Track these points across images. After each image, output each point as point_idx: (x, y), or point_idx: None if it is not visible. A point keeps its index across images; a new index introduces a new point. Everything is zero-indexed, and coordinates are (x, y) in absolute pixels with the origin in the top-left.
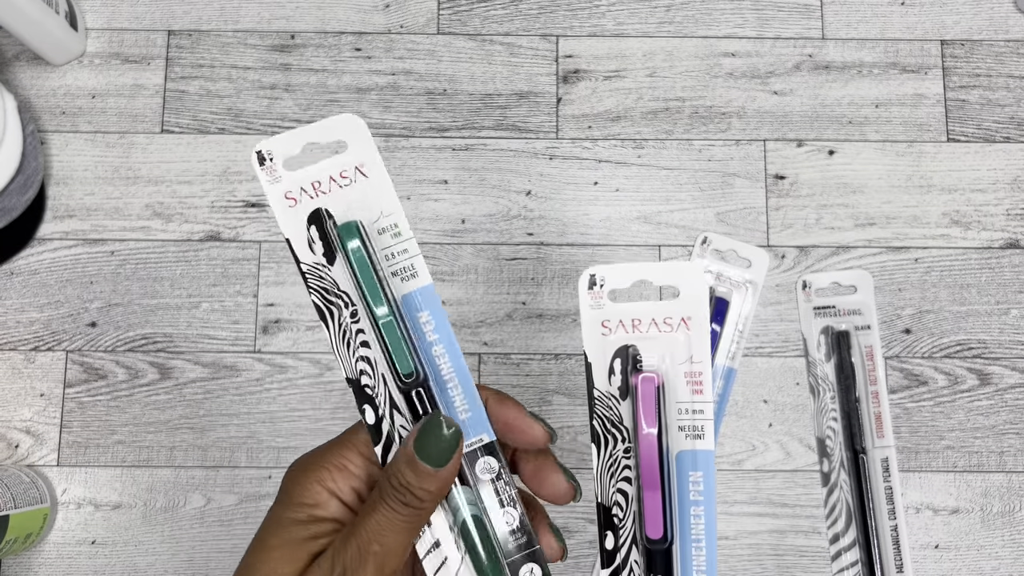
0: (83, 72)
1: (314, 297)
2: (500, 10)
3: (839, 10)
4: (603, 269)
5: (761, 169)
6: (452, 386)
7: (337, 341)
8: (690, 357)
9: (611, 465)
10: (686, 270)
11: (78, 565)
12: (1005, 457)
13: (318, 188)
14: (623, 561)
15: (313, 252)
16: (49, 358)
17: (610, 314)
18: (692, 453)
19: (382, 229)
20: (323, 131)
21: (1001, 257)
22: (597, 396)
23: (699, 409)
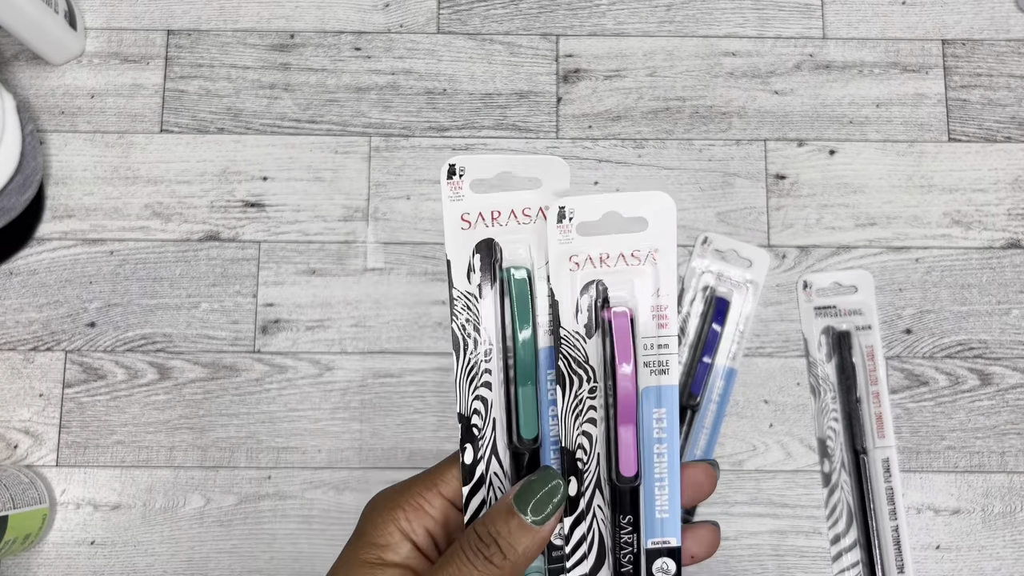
0: (82, 72)
1: (455, 325)
2: (500, 9)
3: (840, 10)
4: (572, 201)
5: (762, 169)
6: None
7: (462, 374)
8: (656, 290)
9: (576, 407)
10: (655, 200)
11: (77, 565)
12: (1006, 457)
13: (496, 218)
14: (586, 506)
15: (469, 281)
16: (48, 358)
17: (578, 248)
18: (657, 389)
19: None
20: (525, 165)
21: (1002, 257)
22: (563, 335)
23: (664, 343)
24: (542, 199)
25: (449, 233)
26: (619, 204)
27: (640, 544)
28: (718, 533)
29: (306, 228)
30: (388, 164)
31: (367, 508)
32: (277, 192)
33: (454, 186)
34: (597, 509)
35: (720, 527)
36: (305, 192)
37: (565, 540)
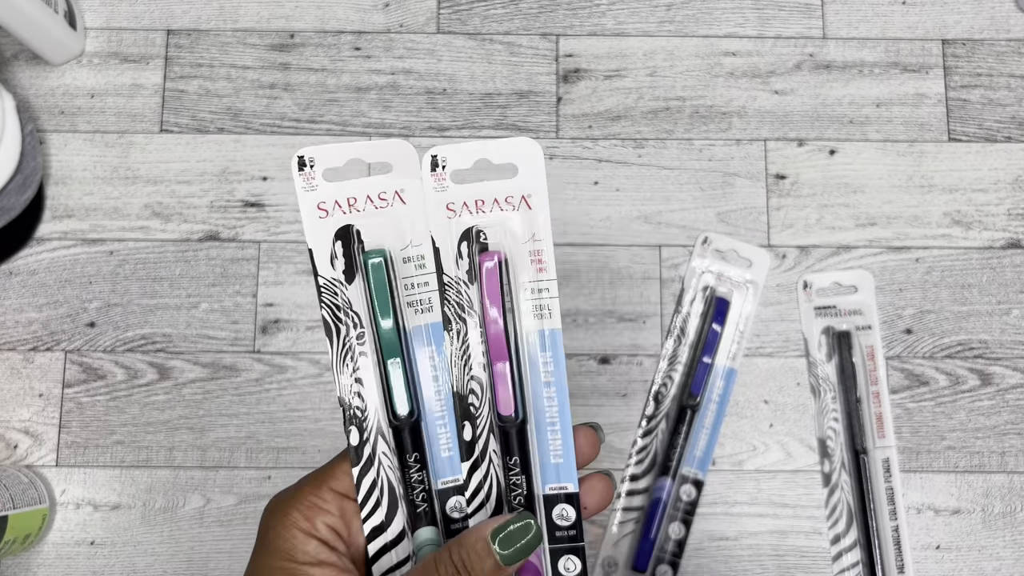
0: (82, 71)
1: (324, 312)
2: (500, 9)
3: (840, 9)
4: (444, 150)
5: (762, 169)
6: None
7: (337, 359)
8: (532, 235)
9: (464, 352)
10: (522, 146)
11: (77, 566)
12: (1007, 457)
13: (353, 205)
14: (481, 453)
15: (333, 267)
16: (48, 358)
17: (454, 196)
18: (540, 333)
19: (407, 258)
20: (372, 150)
21: (1002, 257)
22: (447, 282)
23: (544, 287)
24: (395, 183)
25: (307, 223)
26: (488, 151)
27: (532, 486)
28: (611, 484)
29: None
30: None
31: (264, 514)
32: (277, 192)
33: (307, 176)
34: (492, 455)
35: (614, 477)
36: None
37: (463, 488)
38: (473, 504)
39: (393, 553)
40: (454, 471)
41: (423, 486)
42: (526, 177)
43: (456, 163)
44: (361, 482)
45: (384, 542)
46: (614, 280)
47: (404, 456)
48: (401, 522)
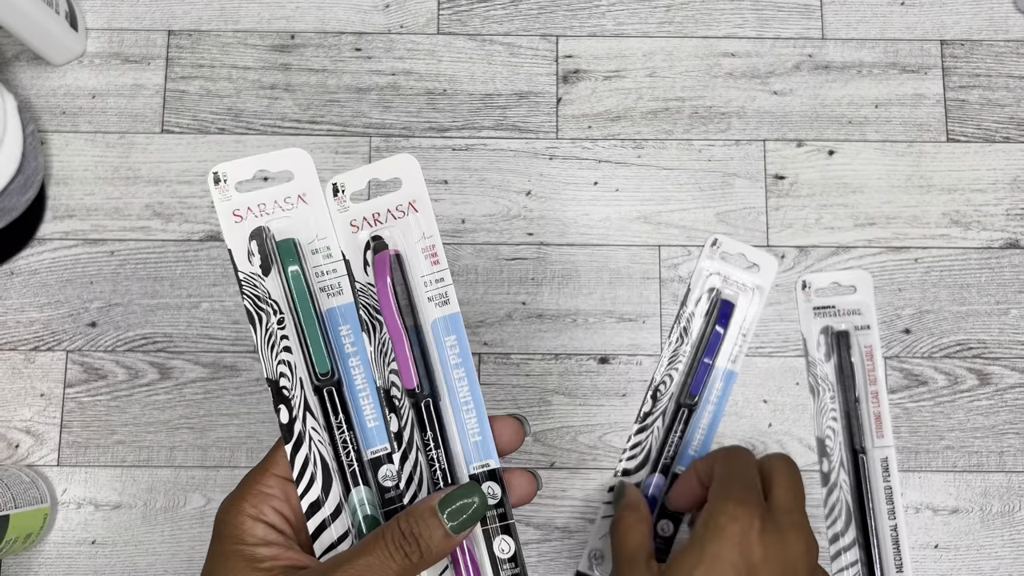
0: (83, 72)
1: (247, 303)
2: (500, 10)
3: (839, 10)
4: (341, 177)
5: (761, 169)
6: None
7: (262, 344)
8: (423, 234)
9: (381, 346)
10: (401, 163)
11: (78, 565)
12: (1005, 457)
13: (263, 209)
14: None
15: (251, 263)
16: (49, 358)
17: (355, 213)
18: (443, 319)
19: (315, 250)
20: (274, 161)
21: (1001, 257)
22: (359, 287)
23: (440, 278)
24: (297, 188)
25: (225, 227)
26: (376, 171)
27: (451, 461)
28: (535, 480)
29: None
30: None
31: (218, 512)
32: None
33: (221, 189)
34: (419, 443)
35: (539, 476)
36: None
37: (397, 477)
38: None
39: (332, 529)
40: (382, 440)
41: (351, 446)
42: (409, 187)
43: (352, 186)
44: (294, 459)
45: (323, 517)
46: (613, 280)
47: (329, 419)
48: (337, 496)
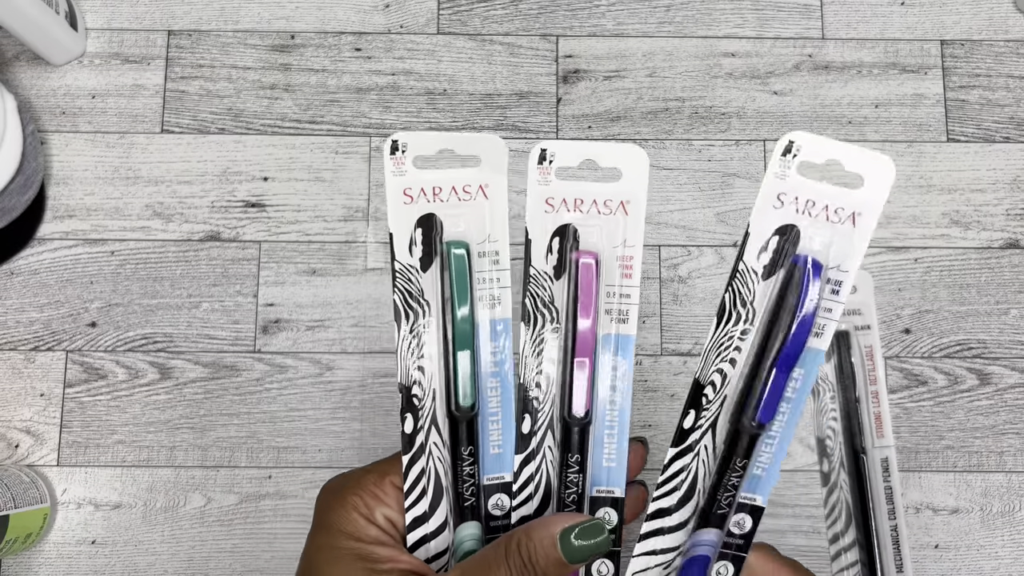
0: (83, 72)
1: (396, 297)
2: (500, 10)
3: (839, 10)
4: (554, 144)
5: (761, 169)
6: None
7: (403, 345)
8: (624, 241)
9: (537, 344)
10: (631, 153)
11: (78, 565)
12: (1005, 457)
13: (437, 194)
14: (537, 446)
15: (411, 254)
16: (49, 358)
17: (556, 191)
18: (616, 337)
19: (483, 252)
20: (464, 143)
21: (1001, 257)
22: (533, 274)
23: (627, 293)
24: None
25: (392, 207)
26: (597, 152)
27: (586, 487)
28: (645, 491)
29: (306, 228)
30: None
31: (322, 495)
32: (278, 192)
33: (397, 160)
34: (547, 450)
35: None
36: (306, 192)
37: (512, 481)
38: (519, 497)
39: (432, 544)
40: (501, 468)
41: (473, 480)
42: (629, 183)
43: (563, 159)
44: (409, 470)
45: (424, 532)
46: None
47: (458, 448)
48: (443, 514)
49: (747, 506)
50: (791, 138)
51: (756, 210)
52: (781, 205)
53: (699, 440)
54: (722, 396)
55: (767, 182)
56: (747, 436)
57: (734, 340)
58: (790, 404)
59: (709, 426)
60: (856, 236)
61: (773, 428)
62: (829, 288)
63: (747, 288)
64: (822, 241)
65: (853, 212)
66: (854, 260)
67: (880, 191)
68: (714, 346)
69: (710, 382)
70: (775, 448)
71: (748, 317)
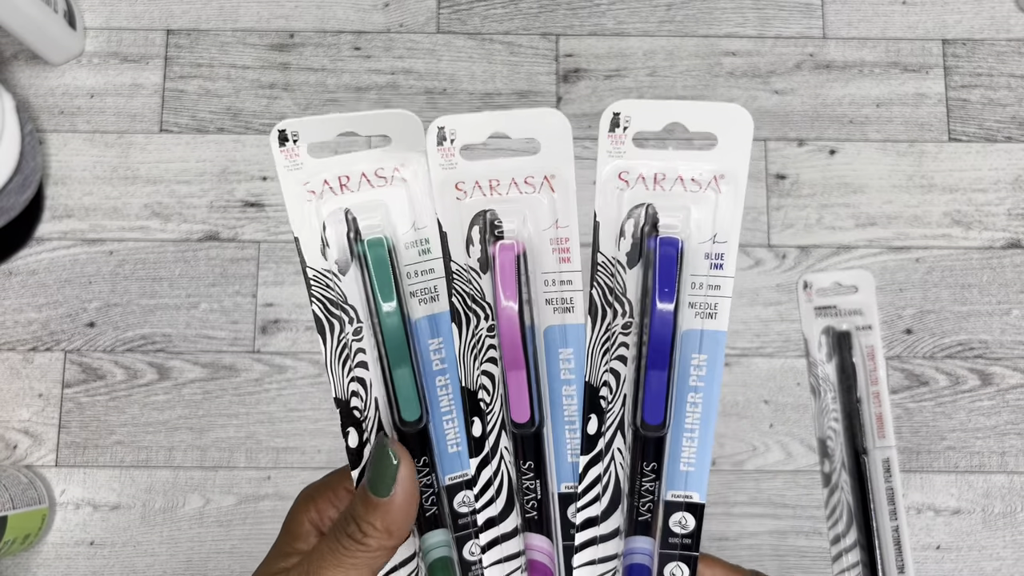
0: (81, 71)
1: (315, 307)
2: (500, 9)
3: (840, 9)
4: (451, 120)
5: (762, 169)
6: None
7: (332, 357)
8: (555, 221)
9: (475, 345)
10: (545, 117)
11: (76, 566)
12: (1007, 458)
13: (345, 184)
14: (492, 449)
15: (325, 257)
16: (47, 358)
17: (464, 174)
18: (561, 328)
19: (410, 243)
20: (367, 122)
21: (1003, 257)
22: (455, 270)
23: (567, 279)
24: (392, 159)
25: (291, 207)
26: (506, 122)
27: (547, 490)
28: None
29: None
30: None
31: (293, 504)
32: (277, 192)
33: (289, 152)
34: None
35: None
36: None
37: (472, 482)
38: (482, 500)
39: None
40: (463, 466)
41: (432, 490)
42: (551, 155)
43: (466, 137)
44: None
45: None
46: None
47: None
48: None
49: (683, 504)
50: (615, 109)
51: (598, 195)
52: (626, 185)
53: (609, 444)
54: (622, 395)
55: (601, 162)
56: (648, 439)
57: (617, 336)
58: (700, 393)
59: (616, 428)
60: (724, 200)
61: (687, 422)
62: (710, 263)
63: (615, 280)
64: (681, 215)
65: (714, 175)
66: (731, 227)
67: (739, 146)
68: (597, 345)
69: (603, 383)
70: (697, 442)
71: (627, 310)
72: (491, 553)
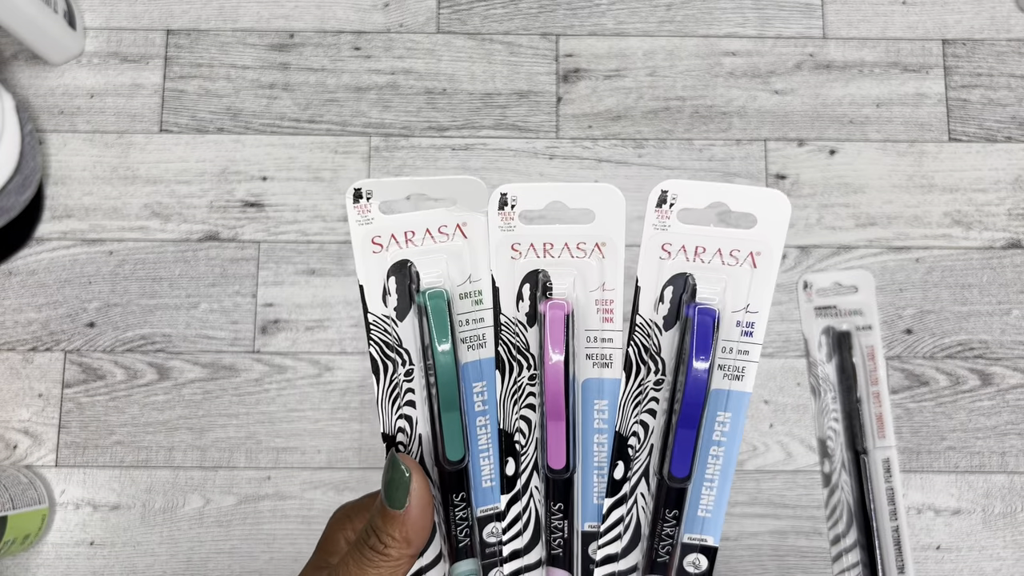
0: (81, 71)
1: (372, 349)
2: (500, 9)
3: (840, 9)
4: (515, 188)
5: (762, 169)
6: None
7: (384, 396)
8: (602, 284)
9: (515, 392)
10: (602, 192)
11: (76, 566)
12: (1007, 458)
13: (410, 239)
14: (523, 487)
15: (385, 304)
16: (47, 358)
17: (521, 236)
18: (599, 381)
19: (464, 294)
20: (437, 187)
21: (1003, 257)
22: (504, 322)
23: (608, 338)
24: (457, 217)
25: (359, 258)
26: (564, 194)
27: (572, 531)
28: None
29: (306, 228)
30: (388, 164)
31: (330, 519)
32: (276, 192)
33: (362, 209)
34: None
35: None
36: (305, 192)
37: (502, 516)
38: (510, 533)
39: (429, 575)
40: (495, 499)
41: (466, 523)
42: (603, 224)
43: (526, 202)
44: None
45: (420, 565)
46: None
47: (449, 495)
48: (437, 548)
49: (698, 547)
50: (663, 188)
51: (641, 263)
52: (668, 256)
53: (634, 489)
54: (648, 445)
55: (646, 235)
56: (672, 488)
57: (648, 391)
58: (722, 447)
59: (641, 475)
60: (759, 275)
61: (708, 472)
62: (740, 331)
63: (650, 340)
64: (719, 287)
65: (751, 252)
66: (763, 299)
67: (776, 226)
68: (629, 398)
69: (632, 433)
70: (716, 492)
71: (659, 368)
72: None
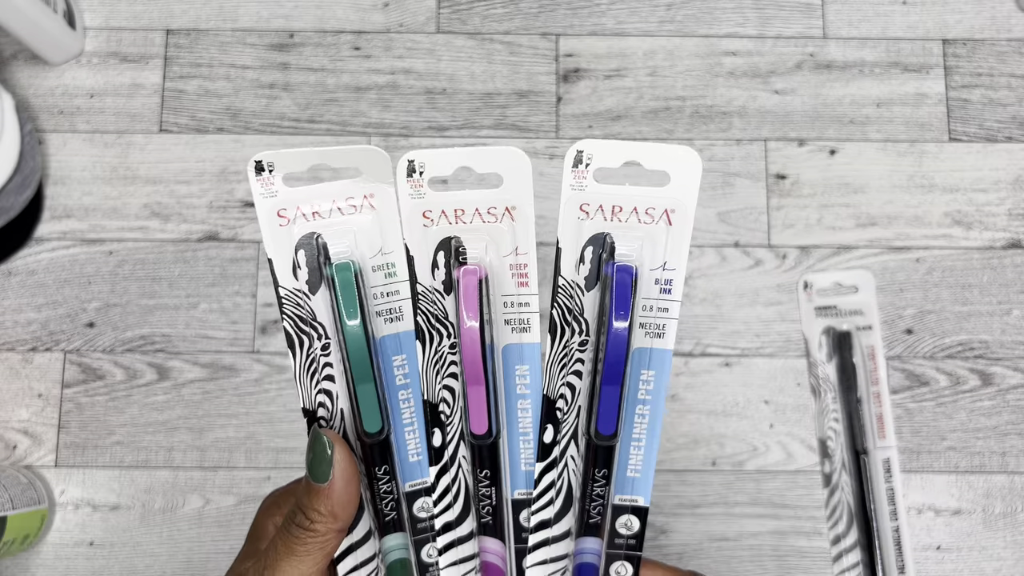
0: (81, 71)
1: (286, 323)
2: (500, 9)
3: (840, 9)
4: (422, 154)
5: (762, 169)
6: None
7: (301, 370)
8: (515, 248)
9: (437, 361)
10: (509, 155)
11: (76, 566)
12: (1007, 458)
13: (317, 212)
14: (451, 458)
15: (296, 278)
16: (47, 358)
17: (432, 203)
18: (519, 347)
19: (377, 266)
20: (338, 157)
21: (1003, 257)
22: (421, 291)
23: (524, 302)
24: (364, 188)
25: (266, 231)
26: (471, 158)
27: (501, 497)
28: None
29: None
30: None
31: (258, 509)
32: None
33: (265, 181)
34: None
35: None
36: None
37: (431, 489)
38: (440, 505)
39: (359, 552)
40: (423, 474)
41: (392, 496)
42: (512, 188)
43: (435, 169)
44: None
45: (349, 542)
46: None
47: (372, 468)
48: (366, 526)
49: (629, 507)
50: (579, 147)
51: (561, 224)
52: (587, 216)
53: (564, 452)
54: (576, 407)
55: (564, 196)
56: (600, 447)
57: (573, 352)
58: (648, 405)
59: (571, 437)
60: (674, 232)
61: (635, 432)
62: (659, 288)
63: (573, 301)
64: (636, 244)
65: (665, 209)
66: (680, 256)
67: (689, 183)
68: (555, 361)
69: (560, 395)
70: (644, 451)
71: (583, 329)
72: (447, 555)
